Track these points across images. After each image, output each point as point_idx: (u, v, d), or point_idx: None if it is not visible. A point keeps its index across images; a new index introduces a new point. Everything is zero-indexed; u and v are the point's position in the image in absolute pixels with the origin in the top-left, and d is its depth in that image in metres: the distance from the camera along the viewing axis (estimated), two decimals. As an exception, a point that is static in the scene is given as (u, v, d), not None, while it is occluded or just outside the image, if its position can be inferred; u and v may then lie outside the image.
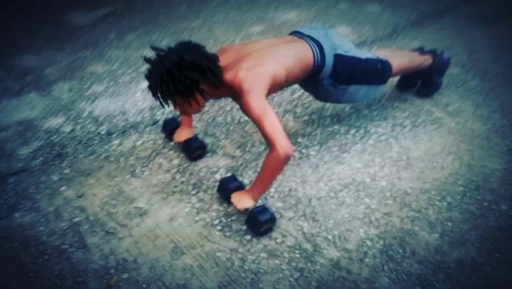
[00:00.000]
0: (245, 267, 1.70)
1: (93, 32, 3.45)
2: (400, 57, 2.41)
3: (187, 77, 1.72)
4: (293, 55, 1.93)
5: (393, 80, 2.71)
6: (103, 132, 2.42)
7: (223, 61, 1.83)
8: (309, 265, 1.71)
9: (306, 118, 2.47)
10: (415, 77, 2.58)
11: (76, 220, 1.93)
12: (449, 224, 1.85)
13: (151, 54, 1.79)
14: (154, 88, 1.76)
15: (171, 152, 2.28)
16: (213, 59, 1.80)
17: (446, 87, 2.69)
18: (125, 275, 1.70)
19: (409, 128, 2.38)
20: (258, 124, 1.75)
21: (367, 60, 2.15)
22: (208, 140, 2.33)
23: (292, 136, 2.34)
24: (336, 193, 2.01)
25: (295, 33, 2.12)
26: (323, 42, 2.03)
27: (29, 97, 2.73)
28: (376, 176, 2.10)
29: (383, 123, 2.42)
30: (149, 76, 1.77)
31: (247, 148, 2.27)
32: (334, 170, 2.13)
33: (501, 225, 1.85)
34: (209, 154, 2.25)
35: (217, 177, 2.11)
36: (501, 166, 2.13)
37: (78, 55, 3.16)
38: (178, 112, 2.50)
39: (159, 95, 1.77)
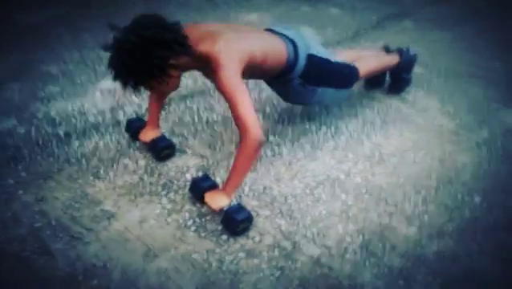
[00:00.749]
0: (224, 268, 1.62)
1: (45, 32, 3.27)
2: (367, 60, 2.40)
3: (154, 57, 1.55)
4: (269, 43, 1.88)
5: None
6: (61, 134, 2.27)
7: (197, 32, 1.70)
8: (289, 263, 1.64)
9: (276, 117, 2.43)
10: (382, 75, 2.60)
11: (37, 225, 1.78)
12: (425, 217, 1.85)
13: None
14: (124, 78, 1.59)
15: (137, 152, 2.16)
16: (176, 28, 1.63)
17: (412, 85, 2.72)
18: (95, 282, 1.57)
19: (379, 125, 2.38)
20: (231, 103, 1.64)
21: (337, 64, 2.14)
22: (176, 140, 2.23)
23: (263, 133, 2.28)
24: (312, 190, 1.96)
25: (268, 30, 2.08)
26: (298, 40, 2.00)
27: (-23, 99, 2.54)
28: (351, 172, 2.07)
29: (353, 120, 2.41)
30: (113, 65, 1.58)
31: (217, 148, 2.19)
32: (308, 167, 2.09)
33: (476, 216, 1.86)
34: (177, 154, 2.15)
35: (188, 176, 2.02)
36: (471, 159, 2.16)
37: (29, 56, 2.98)
38: (140, 109, 2.40)
39: (131, 83, 1.60)
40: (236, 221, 1.69)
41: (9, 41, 3.13)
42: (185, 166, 2.08)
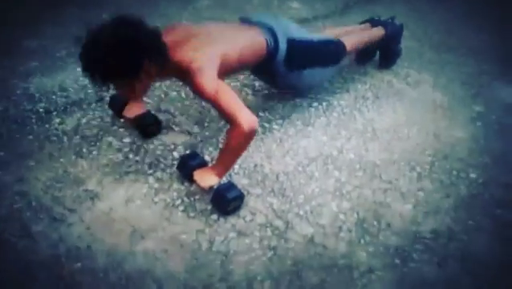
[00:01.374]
0: (214, 249, 1.56)
1: (25, 8, 3.12)
2: (352, 34, 2.36)
3: (128, 57, 1.48)
4: (244, 38, 1.83)
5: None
6: (41, 110, 2.16)
7: (171, 39, 1.63)
8: (282, 242, 1.58)
9: (265, 92, 2.34)
10: (371, 49, 2.52)
11: (17, 206, 1.69)
12: (421, 194, 1.80)
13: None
14: (91, 71, 1.50)
15: (121, 129, 2.07)
16: (156, 34, 1.57)
17: (404, 59, 2.66)
18: (78, 264, 1.49)
19: (372, 100, 2.32)
20: (213, 103, 1.60)
21: (320, 42, 2.09)
22: (162, 117, 2.13)
23: (253, 109, 2.15)
24: (304, 168, 1.90)
25: (244, 20, 2.01)
26: (275, 27, 1.93)
27: (-49, 75, 2.41)
28: (343, 148, 2.01)
29: (345, 95, 2.34)
30: (83, 58, 1.50)
31: (205, 124, 2.11)
32: (299, 144, 2.02)
33: (472, 192, 1.82)
34: (164, 131, 2.06)
35: (176, 154, 1.94)
36: (466, 135, 2.11)
37: (8, 31, 2.83)
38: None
39: (98, 78, 1.51)
40: (227, 200, 1.62)
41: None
42: (172, 144, 2.00)
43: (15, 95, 2.26)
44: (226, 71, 1.75)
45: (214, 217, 1.67)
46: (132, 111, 2.02)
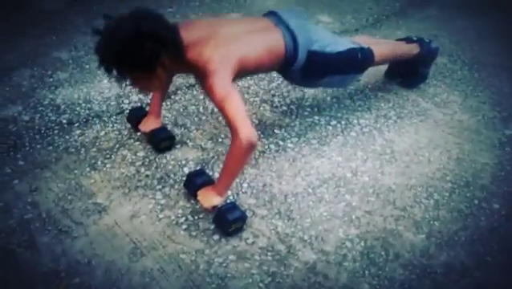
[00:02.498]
0: (211, 271, 1.53)
1: (60, 18, 3.23)
2: (384, 45, 2.28)
3: (146, 49, 1.49)
4: (264, 45, 1.78)
5: (378, 70, 2.57)
6: (64, 122, 2.22)
7: (188, 36, 1.62)
8: (282, 269, 1.54)
9: (284, 108, 2.30)
10: (403, 66, 2.42)
11: (27, 217, 1.73)
12: (436, 224, 1.70)
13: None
14: (107, 63, 1.51)
15: (137, 143, 2.09)
16: (174, 29, 1.58)
17: (433, 77, 2.55)
18: (77, 280, 1.51)
19: (394, 120, 2.23)
20: (220, 107, 1.58)
21: (348, 51, 2.01)
22: (177, 131, 2.14)
23: (269, 127, 2.17)
24: (314, 189, 1.84)
25: (273, 14, 1.95)
26: (299, 35, 1.86)
27: (-14, 84, 2.52)
28: (358, 170, 1.94)
29: (366, 114, 2.27)
30: (100, 49, 1.51)
31: (219, 140, 2.09)
32: (313, 164, 1.97)
33: (493, 225, 1.70)
34: (178, 146, 2.06)
35: (186, 170, 1.93)
36: (492, 161, 1.99)
37: (42, 41, 2.94)
38: (146, 97, 2.31)
39: (114, 70, 1.53)
40: (228, 221, 1.59)
41: (25, 26, 3.11)
42: (184, 159, 1.99)
43: (42, 106, 2.34)
44: (242, 73, 1.75)
45: (216, 237, 1.65)
46: (148, 125, 2.04)
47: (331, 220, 1.71)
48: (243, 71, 1.71)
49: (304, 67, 1.89)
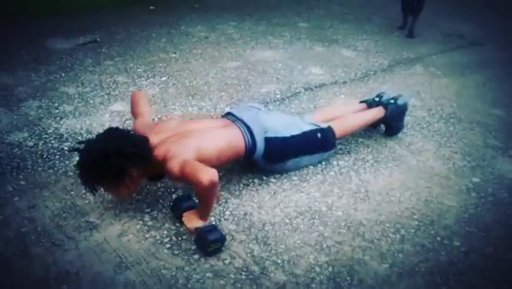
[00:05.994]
0: (189, 286, 1.66)
1: (70, 57, 3.50)
2: (347, 119, 2.44)
3: (112, 165, 1.78)
4: (224, 139, 2.04)
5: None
6: (65, 149, 2.40)
7: (156, 137, 1.93)
8: (254, 287, 1.66)
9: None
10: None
11: (24, 230, 1.88)
12: (400, 256, 1.84)
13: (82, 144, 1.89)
14: (84, 178, 1.83)
15: (131, 171, 2.25)
16: (141, 142, 1.87)
17: (411, 127, 2.75)
18: (65, 287, 1.64)
19: (371, 163, 2.40)
20: (182, 177, 1.80)
21: (304, 134, 2.23)
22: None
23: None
24: (291, 220, 1.99)
25: (230, 114, 2.23)
26: (253, 127, 2.12)
27: (-3, 112, 2.73)
28: (333, 205, 2.09)
29: (345, 156, 2.45)
30: (79, 166, 1.85)
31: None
32: (292, 198, 2.13)
33: (453, 260, 1.83)
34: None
35: (174, 196, 2.09)
36: (457, 204, 2.14)
37: (52, 77, 3.19)
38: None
39: (90, 183, 1.84)
40: (207, 241, 1.74)
41: (38, 64, 3.37)
42: (173, 187, 2.15)
43: (46, 134, 2.53)
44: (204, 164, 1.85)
45: (196, 256, 1.78)
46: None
47: (304, 247, 1.85)
48: (206, 162, 1.86)
49: (265, 155, 2.14)
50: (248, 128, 2.11)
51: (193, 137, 1.96)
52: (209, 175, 1.71)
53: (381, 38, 4.33)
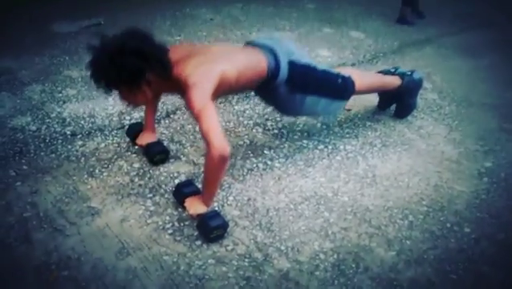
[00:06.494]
0: (191, 272, 1.63)
1: (75, 40, 3.45)
2: (365, 74, 2.42)
3: (130, 65, 1.64)
4: (245, 58, 1.92)
5: (369, 101, 2.70)
6: (68, 133, 2.37)
7: (174, 56, 1.78)
8: (257, 274, 1.63)
9: (275, 131, 2.44)
10: (392, 98, 2.55)
11: (26, 215, 1.86)
12: (407, 242, 1.79)
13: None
14: (96, 76, 1.69)
15: (133, 155, 2.22)
16: (162, 49, 1.74)
17: (421, 110, 2.68)
18: (65, 272, 1.62)
19: (379, 147, 2.34)
20: (197, 120, 1.69)
21: (324, 72, 2.14)
22: (173, 147, 2.28)
23: (259, 147, 2.30)
24: (296, 205, 1.95)
25: (249, 44, 2.13)
26: (277, 48, 2.02)
27: (0, 96, 2.70)
28: (339, 191, 2.04)
29: (353, 141, 2.39)
30: (91, 63, 1.69)
31: (212, 157, 2.22)
32: (297, 183, 2.08)
33: (462, 247, 1.78)
34: (172, 160, 2.20)
35: (177, 182, 2.05)
36: (468, 189, 2.08)
37: (55, 60, 3.15)
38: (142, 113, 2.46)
39: (102, 82, 1.70)
40: (209, 227, 1.70)
41: (42, 47, 3.33)
42: (176, 172, 2.12)
43: (49, 118, 2.50)
44: (225, 89, 1.85)
45: (198, 242, 1.75)
46: (144, 139, 2.18)
47: (308, 233, 1.81)
48: (227, 86, 1.84)
49: (288, 80, 2.01)
50: (271, 50, 2.00)
51: (211, 56, 1.83)
52: (223, 146, 1.62)
53: (391, 19, 4.22)
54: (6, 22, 3.65)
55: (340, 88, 2.17)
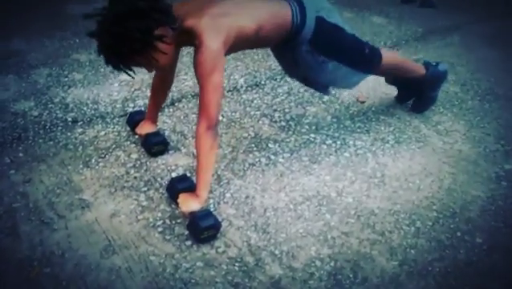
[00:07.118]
0: (177, 275, 1.54)
1: (86, 22, 3.37)
2: (392, 53, 2.32)
3: (133, 29, 1.49)
4: (267, 9, 1.75)
5: (384, 93, 2.55)
6: (69, 119, 2.31)
7: (187, 8, 1.65)
8: (246, 281, 1.53)
9: (283, 123, 2.31)
10: (411, 89, 2.37)
11: (15, 205, 1.81)
12: (412, 252, 1.66)
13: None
14: (110, 59, 1.57)
15: (132, 145, 2.14)
16: (164, 3, 1.58)
17: (441, 104, 2.50)
18: (48, 269, 1.56)
19: (391, 144, 2.19)
20: (200, 85, 1.58)
21: (354, 37, 1.96)
22: (174, 138, 2.19)
23: (263, 140, 2.19)
24: (296, 206, 1.84)
25: None
26: (305, 1, 1.83)
27: (6, 78, 2.66)
28: (344, 191, 1.92)
29: (364, 136, 2.24)
30: (101, 50, 1.56)
31: (213, 149, 2.12)
32: (299, 181, 1.96)
33: (471, 259, 1.64)
34: (171, 151, 2.11)
35: (174, 175, 1.96)
36: (484, 194, 1.92)
37: (65, 43, 3.10)
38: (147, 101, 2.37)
39: (121, 66, 1.58)
40: (199, 228, 1.61)
41: (54, 29, 3.27)
42: (174, 164, 2.03)
43: (52, 103, 2.44)
44: (243, 45, 1.72)
45: (188, 243, 1.66)
46: (143, 128, 2.09)
47: (306, 237, 1.70)
48: (245, 42, 1.68)
49: (313, 38, 1.82)
50: (298, 1, 1.81)
51: (228, 9, 1.67)
52: (210, 117, 1.55)
53: (417, 4, 3.99)
54: (19, 4, 3.60)
55: (366, 59, 2.00)
